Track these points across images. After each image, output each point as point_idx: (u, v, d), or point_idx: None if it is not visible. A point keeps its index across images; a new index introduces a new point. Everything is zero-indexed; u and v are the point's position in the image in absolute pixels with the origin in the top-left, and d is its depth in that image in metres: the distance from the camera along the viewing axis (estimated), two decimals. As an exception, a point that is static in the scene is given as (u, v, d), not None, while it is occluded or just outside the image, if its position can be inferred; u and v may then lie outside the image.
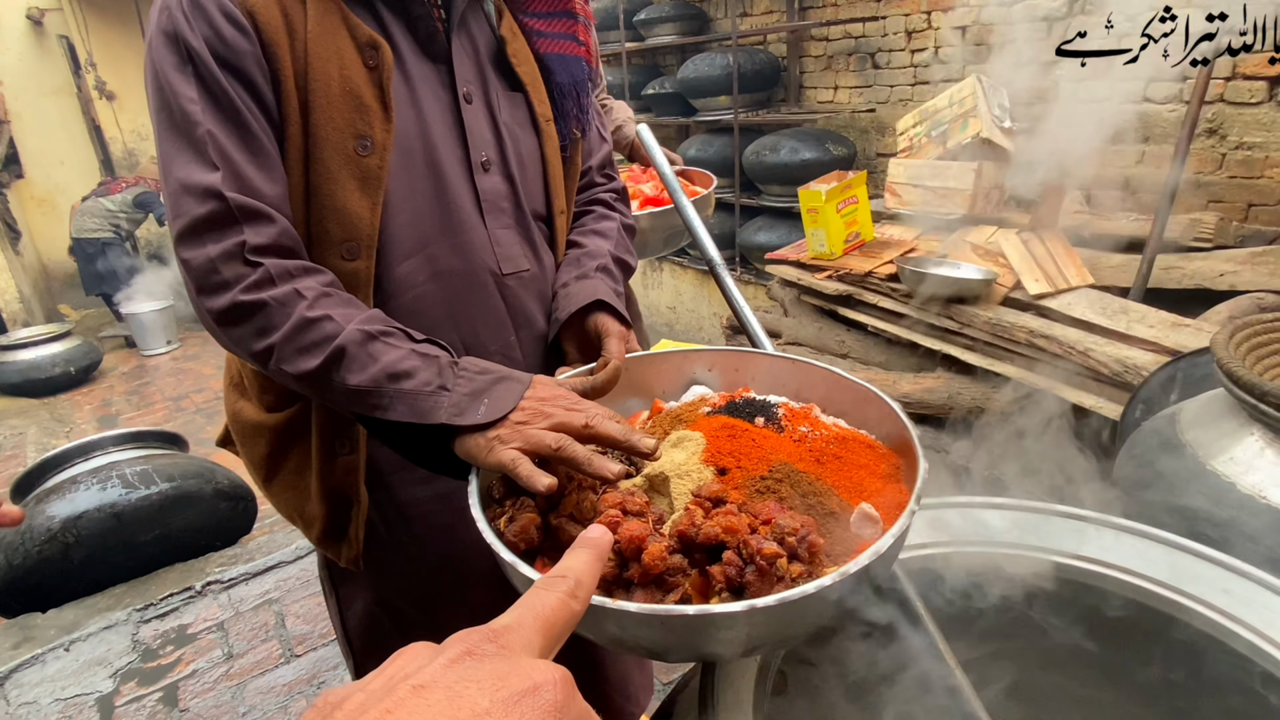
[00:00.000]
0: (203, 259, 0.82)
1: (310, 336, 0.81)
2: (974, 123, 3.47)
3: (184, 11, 0.83)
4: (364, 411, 0.81)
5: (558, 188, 1.10)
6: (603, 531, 0.47)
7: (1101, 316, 2.70)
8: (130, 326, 5.93)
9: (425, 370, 0.80)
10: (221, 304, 0.82)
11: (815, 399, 0.88)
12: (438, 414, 0.77)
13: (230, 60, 0.84)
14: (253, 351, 0.84)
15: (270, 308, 0.81)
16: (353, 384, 0.80)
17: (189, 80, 0.83)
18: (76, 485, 2.66)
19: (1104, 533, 0.90)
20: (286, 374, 0.83)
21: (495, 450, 0.75)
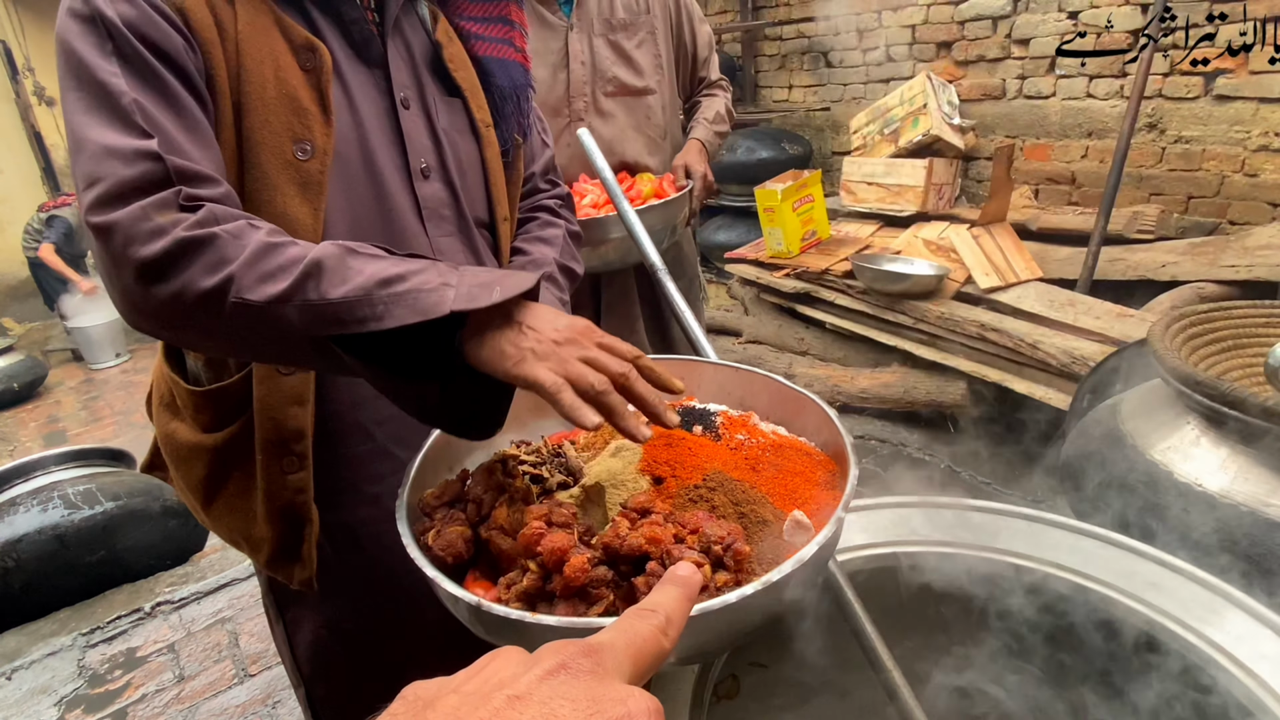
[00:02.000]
0: (130, 211, 0.70)
1: (276, 259, 0.70)
2: (924, 120, 3.52)
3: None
4: (352, 328, 0.68)
5: (500, 194, 1.08)
6: (691, 570, 0.44)
7: (1050, 309, 2.76)
8: (76, 340, 5.74)
9: (423, 272, 0.69)
10: (159, 247, 0.69)
11: (759, 406, 0.88)
12: (445, 305, 0.66)
13: (156, 42, 0.76)
14: (203, 290, 0.69)
15: (221, 238, 0.70)
16: (336, 296, 0.68)
17: (109, 56, 0.75)
18: (15, 508, 2.56)
19: (1038, 528, 0.91)
20: (247, 306, 0.69)
21: (529, 363, 0.66)
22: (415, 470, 0.81)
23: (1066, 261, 3.06)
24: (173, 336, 0.85)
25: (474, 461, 0.94)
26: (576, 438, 0.94)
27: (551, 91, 1.94)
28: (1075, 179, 3.45)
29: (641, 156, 2.06)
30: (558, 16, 1.90)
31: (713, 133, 2.09)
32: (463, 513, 0.75)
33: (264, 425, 0.93)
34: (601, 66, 1.95)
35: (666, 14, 2.03)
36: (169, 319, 0.74)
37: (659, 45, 2.02)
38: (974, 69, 3.72)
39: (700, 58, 2.14)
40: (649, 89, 2.02)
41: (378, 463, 1.02)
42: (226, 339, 0.75)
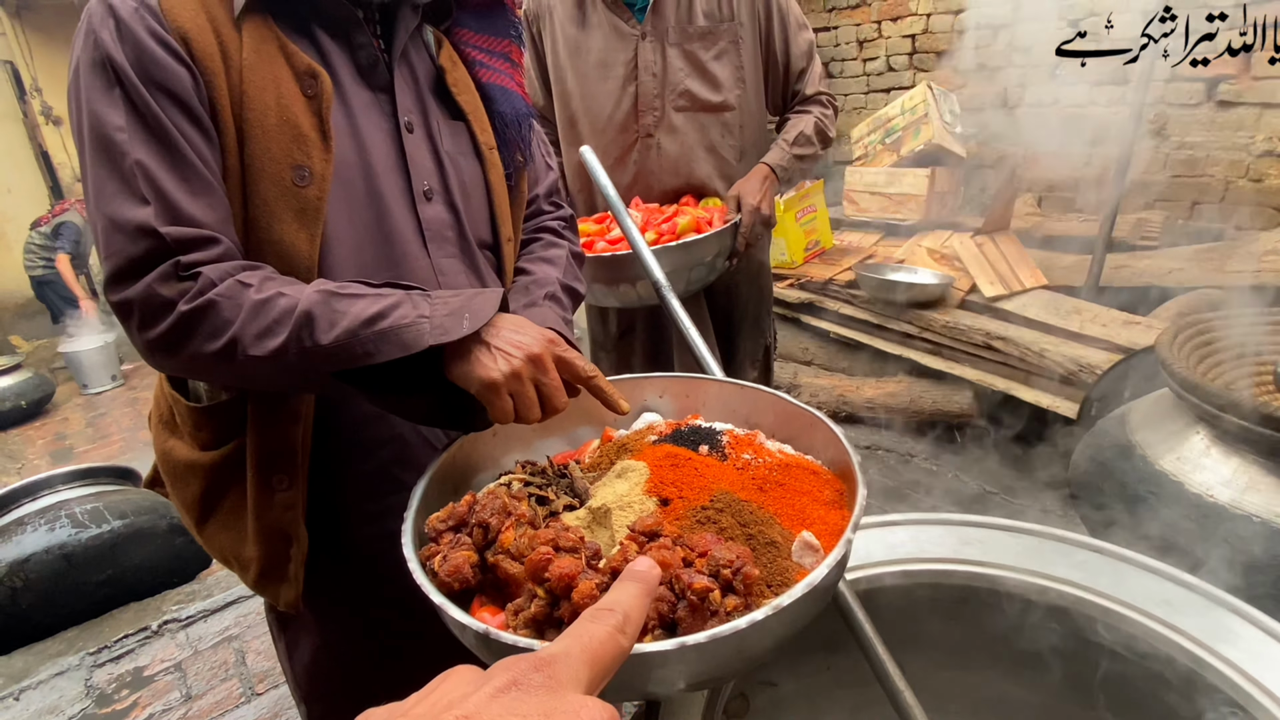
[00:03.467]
0: (139, 290, 0.78)
1: (269, 315, 0.78)
2: (926, 129, 3.53)
3: (111, 34, 0.79)
4: (349, 365, 0.78)
5: (504, 215, 1.08)
6: (650, 565, 0.44)
7: (1055, 316, 2.75)
8: (70, 365, 5.73)
9: (399, 307, 0.78)
10: (166, 325, 0.78)
11: (764, 424, 0.87)
12: (423, 340, 0.76)
13: (161, 82, 0.79)
14: (213, 353, 0.79)
15: (219, 304, 0.78)
16: (328, 343, 0.76)
17: (116, 105, 0.79)
18: (23, 527, 2.56)
19: (1047, 545, 0.90)
20: (256, 361, 0.78)
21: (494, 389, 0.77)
22: (420, 493, 0.81)
23: (1071, 269, 3.05)
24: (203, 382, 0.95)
25: (479, 483, 0.94)
26: (582, 457, 0.94)
27: (619, 106, 1.80)
28: (1078, 186, 3.45)
29: (710, 179, 1.88)
30: (630, 24, 1.76)
31: (790, 156, 1.84)
32: (469, 537, 0.75)
33: (256, 442, 0.94)
34: (673, 79, 1.79)
35: (755, 20, 1.81)
36: (193, 375, 0.88)
37: (742, 56, 1.82)
38: (975, 77, 3.73)
39: (795, 69, 1.89)
40: (726, 104, 1.83)
41: (379, 482, 1.02)
42: (248, 383, 0.88)
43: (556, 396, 0.80)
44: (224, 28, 0.84)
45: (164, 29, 0.80)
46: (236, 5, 0.84)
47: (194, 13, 0.82)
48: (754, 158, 1.89)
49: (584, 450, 0.96)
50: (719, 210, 1.83)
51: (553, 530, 0.68)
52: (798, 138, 1.86)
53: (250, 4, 0.84)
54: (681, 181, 1.87)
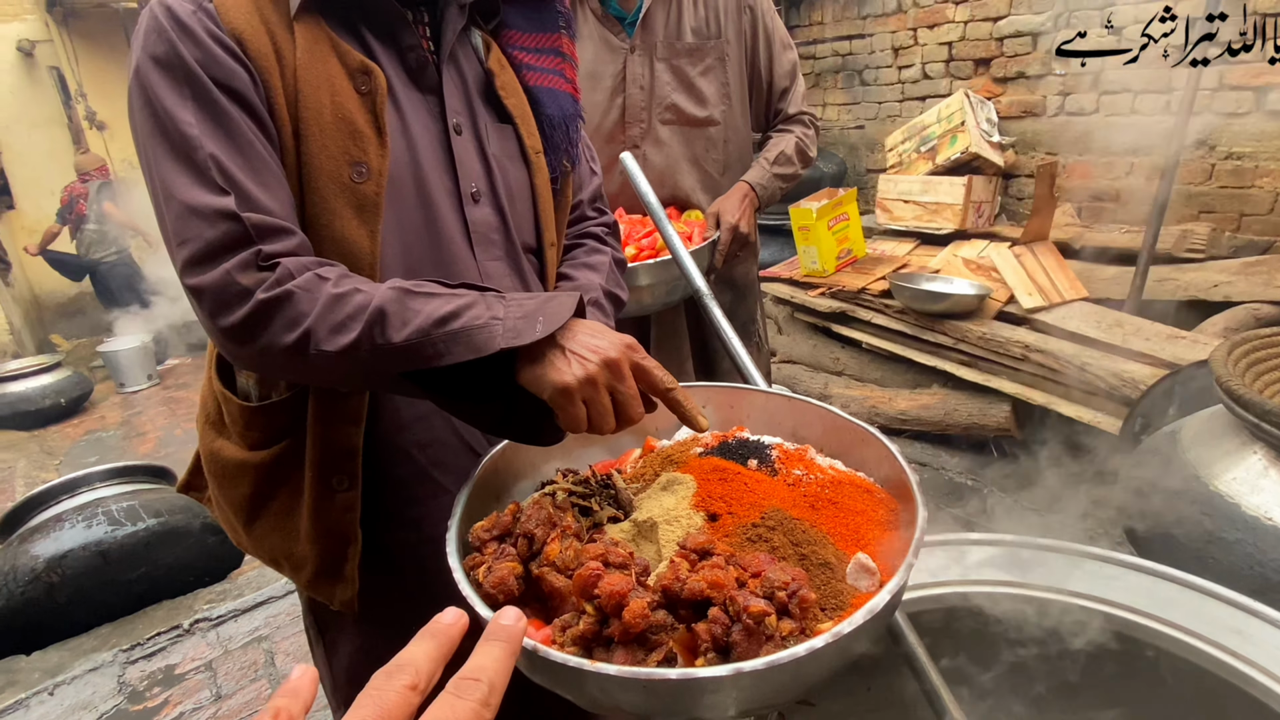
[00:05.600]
0: (217, 276, 0.78)
1: (344, 310, 0.77)
2: (963, 137, 3.47)
3: (174, 34, 0.80)
4: (419, 365, 0.76)
5: (548, 220, 1.08)
6: (516, 617, 0.40)
7: (1097, 330, 2.69)
8: (107, 364, 5.85)
9: (472, 308, 0.76)
10: (243, 312, 0.78)
11: (812, 438, 0.85)
12: (495, 342, 0.74)
13: (225, 80, 0.81)
14: (286, 345, 0.78)
15: (296, 295, 0.77)
16: (400, 341, 0.75)
17: (185, 102, 0.80)
18: (61, 523, 2.61)
19: (1108, 569, 0.87)
20: (328, 357, 0.77)
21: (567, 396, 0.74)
22: (464, 501, 0.80)
23: (1113, 281, 2.98)
24: (269, 376, 0.94)
25: (521, 491, 0.93)
26: (624, 467, 0.92)
27: (607, 116, 1.84)
28: (1120, 196, 3.37)
29: (694, 192, 1.92)
30: (620, 38, 1.80)
31: (770, 175, 1.88)
32: (514, 548, 0.73)
33: (316, 443, 0.94)
34: (660, 92, 1.83)
35: (741, 38, 1.86)
36: (262, 367, 0.86)
37: (728, 73, 1.86)
38: (1013, 86, 3.67)
39: (778, 88, 1.94)
40: (711, 119, 1.87)
41: (418, 486, 1.01)
42: (315, 378, 0.87)
43: (632, 406, 0.76)
44: (277, 29, 0.85)
45: (220, 30, 0.82)
46: (293, 6, 0.85)
47: (248, 15, 0.83)
48: (738, 172, 1.93)
49: (625, 460, 0.94)
50: (700, 225, 1.85)
51: (601, 545, 0.67)
52: (778, 157, 1.90)
53: (304, 5, 0.85)
54: (666, 193, 1.89)
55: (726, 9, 1.81)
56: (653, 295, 1.73)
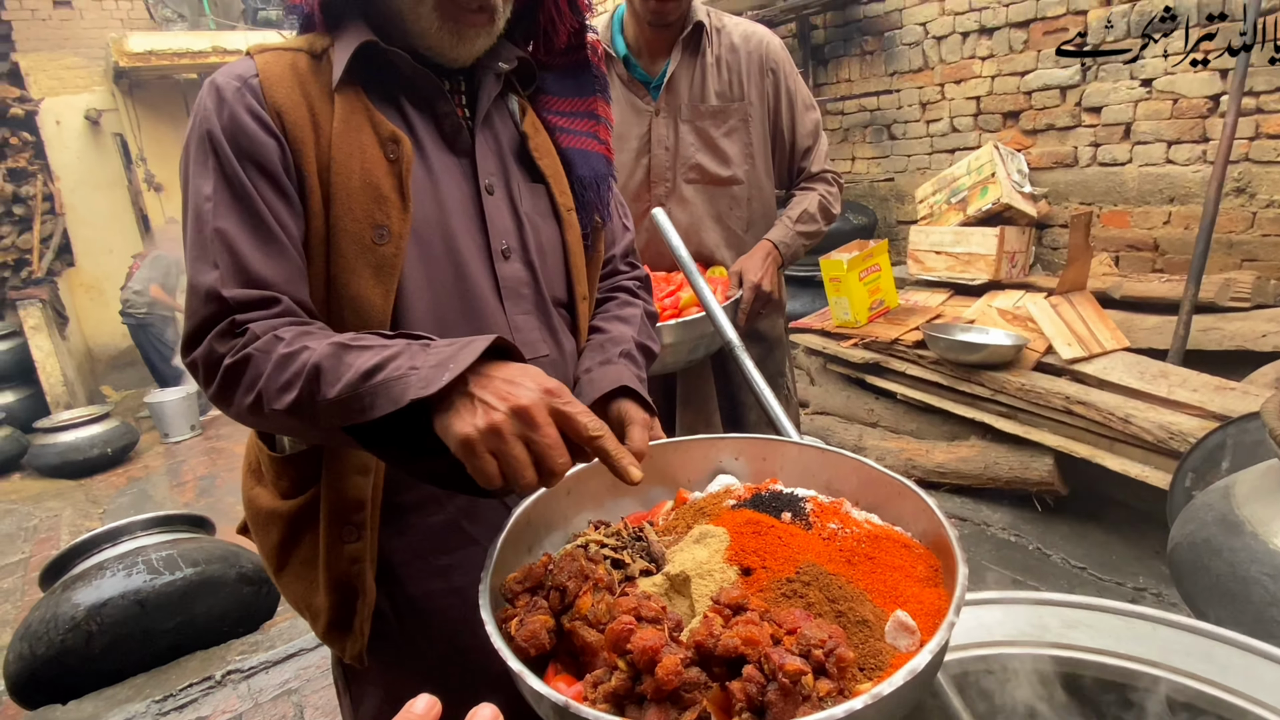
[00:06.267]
0: (202, 350, 0.85)
1: (290, 369, 0.78)
2: (994, 188, 3.48)
3: (214, 110, 0.88)
4: (350, 420, 0.75)
5: (579, 274, 1.10)
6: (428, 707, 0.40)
7: (1140, 381, 2.62)
8: (153, 415, 6.03)
9: (396, 359, 0.74)
10: (217, 380, 0.83)
11: (846, 491, 0.84)
12: (407, 394, 0.71)
13: (250, 152, 0.87)
14: (249, 405, 0.82)
15: (254, 358, 0.81)
16: (332, 396, 0.75)
17: (209, 175, 0.87)
18: (103, 572, 2.65)
19: (1162, 631, 0.83)
20: (280, 415, 0.79)
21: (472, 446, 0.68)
22: (497, 552, 0.80)
23: (1154, 331, 2.92)
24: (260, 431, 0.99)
25: (553, 542, 0.93)
26: (656, 519, 0.91)
27: (633, 176, 1.89)
28: (1158, 246, 3.32)
29: (718, 249, 1.94)
30: (645, 101, 1.87)
31: (793, 233, 1.90)
32: (545, 600, 0.73)
33: (329, 494, 0.96)
34: (685, 153, 1.87)
35: (764, 100, 1.91)
36: (249, 425, 0.91)
37: (751, 134, 1.91)
38: (1043, 137, 3.68)
39: (800, 148, 1.97)
40: (735, 178, 1.91)
41: (448, 535, 1.02)
42: (286, 434, 0.92)
43: (551, 455, 0.69)
44: (317, 101, 0.91)
45: (260, 105, 0.88)
46: (335, 78, 0.91)
47: (289, 89, 0.90)
48: (761, 229, 1.95)
49: (657, 512, 0.94)
50: (723, 282, 1.86)
51: (634, 599, 0.66)
52: (801, 215, 1.92)
53: (345, 78, 0.91)
54: (691, 249, 1.89)
55: (749, 72, 1.87)
56: (675, 354, 1.74)
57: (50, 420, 5.63)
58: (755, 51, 1.87)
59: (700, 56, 1.84)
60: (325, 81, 0.92)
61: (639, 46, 1.87)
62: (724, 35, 1.87)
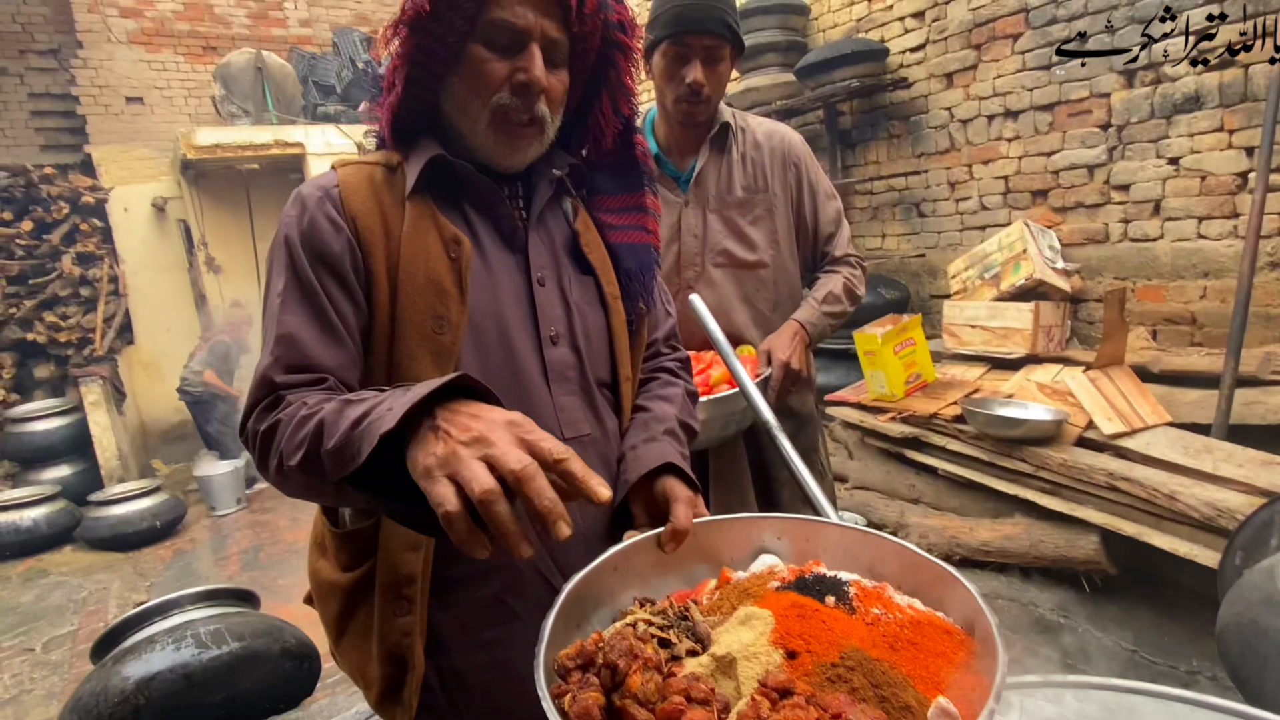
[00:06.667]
0: (250, 427, 0.93)
1: (303, 429, 0.84)
2: (1026, 264, 3.52)
3: (296, 216, 1.01)
4: (345, 468, 0.77)
5: (624, 357, 1.17)
6: None
7: (1184, 456, 2.58)
8: (201, 488, 6.20)
9: (380, 404, 0.78)
10: (257, 447, 0.91)
11: (889, 575, 0.86)
12: (378, 430, 0.73)
13: (322, 253, 0.98)
14: (275, 469, 0.89)
15: (280, 424, 0.88)
16: (330, 447, 0.78)
17: (283, 273, 0.98)
18: (153, 645, 2.70)
19: (1200, 714, 0.83)
20: (296, 472, 0.85)
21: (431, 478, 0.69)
22: (550, 627, 0.83)
23: (1196, 405, 2.89)
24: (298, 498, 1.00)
25: (600, 618, 0.96)
26: (700, 598, 0.95)
27: (664, 261, 1.97)
28: (1196, 319, 3.31)
29: (746, 328, 2.01)
30: (675, 194, 1.97)
31: (820, 313, 1.98)
32: (596, 677, 0.76)
33: (383, 568, 1.02)
34: (713, 240, 1.97)
35: (788, 191, 2.01)
36: (288, 493, 0.93)
37: (776, 221, 2.00)
38: (1073, 214, 3.73)
39: (823, 234, 2.07)
40: (761, 262, 2.00)
41: (492, 610, 1.06)
42: (304, 494, 0.91)
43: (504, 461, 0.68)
44: (390, 209, 1.03)
45: (338, 213, 1.00)
46: (408, 187, 1.03)
47: (365, 198, 1.02)
48: (788, 309, 2.03)
49: (701, 590, 0.97)
50: (752, 360, 1.92)
51: (684, 680, 0.69)
52: (827, 296, 2.00)
53: (415, 189, 1.03)
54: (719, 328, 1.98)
55: (773, 167, 1.99)
56: (707, 431, 1.77)
57: (103, 494, 5.79)
58: (778, 148, 2.00)
59: (726, 154, 1.97)
60: (398, 191, 1.04)
61: (669, 145, 2.00)
62: (748, 134, 2.00)
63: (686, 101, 1.84)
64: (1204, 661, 2.33)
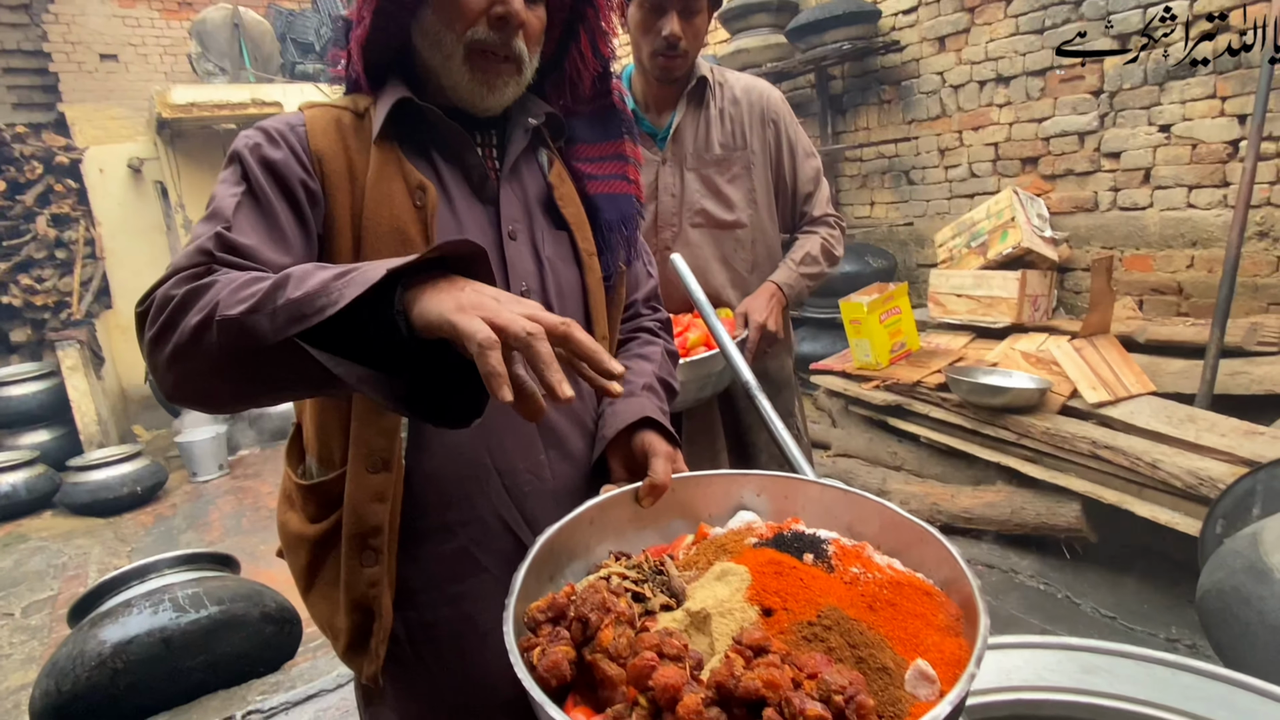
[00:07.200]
0: (163, 290, 0.79)
1: (255, 285, 0.74)
2: (1014, 233, 3.50)
3: (256, 141, 0.93)
4: (311, 319, 0.70)
5: (599, 315, 1.14)
6: None
7: (1168, 425, 2.59)
8: (182, 454, 6.13)
9: (367, 266, 0.72)
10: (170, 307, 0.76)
11: (868, 534, 0.85)
12: (379, 270, 0.70)
13: (283, 179, 0.91)
14: (193, 326, 0.74)
15: (218, 284, 0.76)
16: (299, 295, 0.71)
17: (237, 181, 0.90)
18: (130, 609, 2.68)
19: (1183, 677, 0.83)
20: (227, 323, 0.73)
21: (462, 313, 0.67)
22: (521, 580, 0.80)
23: (1181, 375, 2.89)
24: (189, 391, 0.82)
25: (574, 571, 0.94)
26: (676, 553, 0.93)
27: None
28: (1182, 289, 3.31)
29: (724, 289, 1.99)
30: (652, 151, 1.93)
31: (796, 274, 1.97)
32: (567, 631, 0.74)
33: (349, 519, 1.00)
34: (690, 199, 1.94)
35: (766, 149, 1.98)
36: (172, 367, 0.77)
37: (754, 180, 1.97)
38: (1062, 182, 3.70)
39: (801, 193, 2.04)
40: (738, 222, 1.97)
41: (458, 563, 1.05)
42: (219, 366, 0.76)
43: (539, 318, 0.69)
44: (356, 154, 0.98)
45: (303, 149, 0.95)
46: (374, 133, 0.98)
47: (332, 139, 0.97)
48: (766, 270, 2.01)
49: (677, 545, 0.95)
50: (729, 323, 1.91)
51: (657, 635, 0.67)
52: (804, 257, 1.98)
53: (382, 132, 0.98)
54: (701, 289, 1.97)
55: (751, 123, 1.95)
56: (683, 393, 1.76)
57: (83, 459, 5.72)
58: (756, 104, 1.96)
59: (704, 109, 1.93)
60: (365, 137, 0.99)
61: (646, 102, 1.96)
62: (726, 89, 1.96)
63: (663, 55, 1.79)
64: (1183, 629, 2.35)
